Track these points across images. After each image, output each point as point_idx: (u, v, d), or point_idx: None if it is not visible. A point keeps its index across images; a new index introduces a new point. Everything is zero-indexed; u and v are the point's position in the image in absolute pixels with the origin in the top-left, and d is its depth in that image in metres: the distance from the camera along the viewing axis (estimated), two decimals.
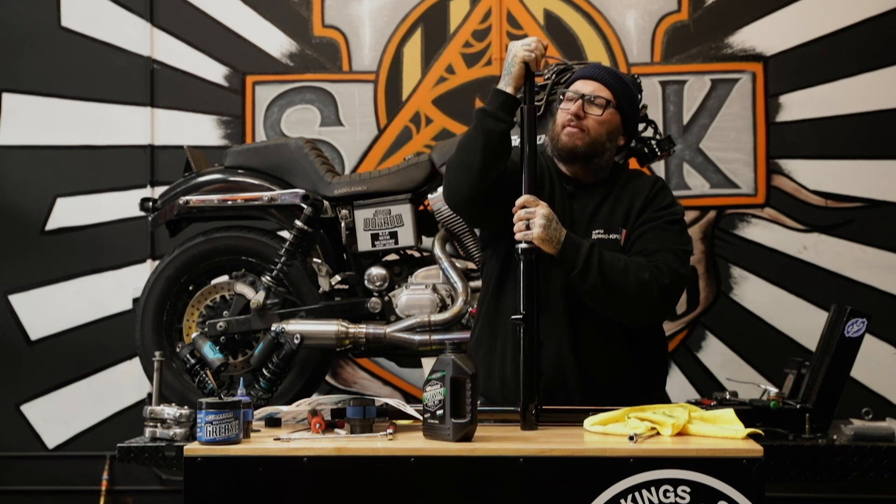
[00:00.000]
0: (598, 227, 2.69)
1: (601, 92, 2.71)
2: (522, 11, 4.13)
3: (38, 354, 4.23)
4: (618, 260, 2.56)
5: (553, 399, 2.56)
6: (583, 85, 2.73)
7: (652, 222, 2.68)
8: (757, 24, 4.04)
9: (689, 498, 2.08)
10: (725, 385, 3.82)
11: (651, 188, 2.76)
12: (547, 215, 2.48)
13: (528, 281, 2.49)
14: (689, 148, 4.05)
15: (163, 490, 4.16)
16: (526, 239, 2.49)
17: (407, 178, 3.31)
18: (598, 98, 2.70)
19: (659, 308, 2.63)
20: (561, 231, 2.51)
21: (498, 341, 2.71)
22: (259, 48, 4.22)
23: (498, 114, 2.58)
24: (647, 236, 2.66)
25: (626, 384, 2.65)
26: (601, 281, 2.52)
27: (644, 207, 2.71)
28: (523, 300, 2.48)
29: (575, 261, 2.52)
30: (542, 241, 2.48)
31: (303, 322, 3.28)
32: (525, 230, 2.49)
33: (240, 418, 2.24)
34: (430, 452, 2.17)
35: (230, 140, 4.18)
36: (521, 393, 2.44)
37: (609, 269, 2.53)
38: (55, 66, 4.25)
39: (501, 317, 2.69)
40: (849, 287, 3.94)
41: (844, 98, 3.98)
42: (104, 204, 4.23)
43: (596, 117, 2.69)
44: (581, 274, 2.52)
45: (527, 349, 2.46)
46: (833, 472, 2.58)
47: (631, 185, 2.77)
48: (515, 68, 2.57)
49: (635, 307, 2.59)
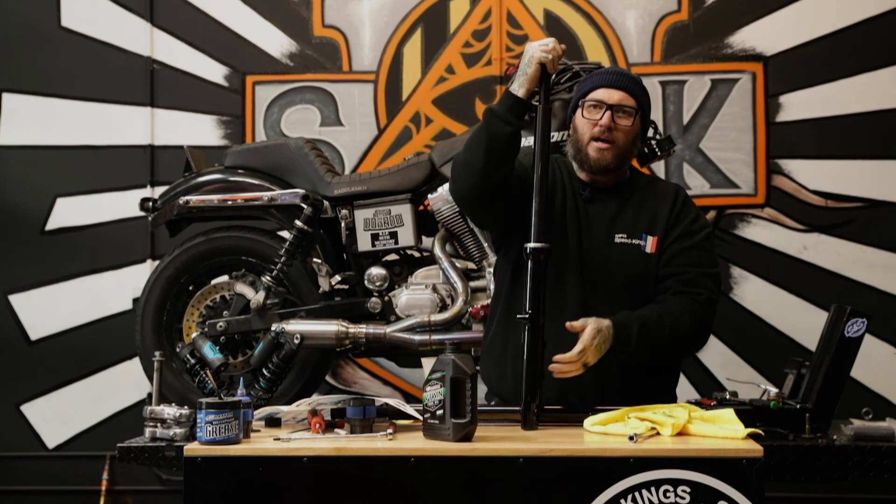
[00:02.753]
0: (620, 232, 2.69)
1: (628, 101, 2.68)
2: (522, 11, 4.13)
3: (38, 354, 4.23)
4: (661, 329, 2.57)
5: (566, 401, 2.57)
6: (607, 94, 2.68)
7: (687, 240, 2.69)
8: (757, 24, 4.04)
9: (689, 498, 2.08)
10: (725, 385, 3.82)
11: (675, 197, 2.76)
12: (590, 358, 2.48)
13: (534, 280, 2.48)
14: (689, 148, 4.05)
15: (163, 490, 4.16)
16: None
17: (407, 178, 3.31)
18: (627, 108, 2.67)
19: (702, 344, 2.78)
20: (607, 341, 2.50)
21: (511, 343, 2.69)
22: (259, 48, 4.22)
23: (506, 116, 2.56)
24: (683, 256, 2.66)
25: (640, 387, 2.64)
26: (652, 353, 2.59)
27: (674, 219, 2.71)
28: (529, 299, 2.47)
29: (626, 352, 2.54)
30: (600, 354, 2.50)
31: (303, 322, 3.28)
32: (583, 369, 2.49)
33: (240, 418, 2.24)
34: (430, 452, 2.17)
35: (230, 140, 4.18)
36: (523, 392, 2.43)
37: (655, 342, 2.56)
38: (55, 66, 4.25)
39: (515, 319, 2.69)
40: (849, 287, 3.94)
41: (844, 98, 3.98)
42: (104, 204, 4.23)
43: (625, 128, 2.67)
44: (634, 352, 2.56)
45: (530, 348, 2.46)
46: (833, 472, 2.58)
47: (652, 190, 2.78)
48: (531, 69, 2.54)
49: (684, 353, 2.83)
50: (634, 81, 2.73)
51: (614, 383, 2.61)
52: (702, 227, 2.74)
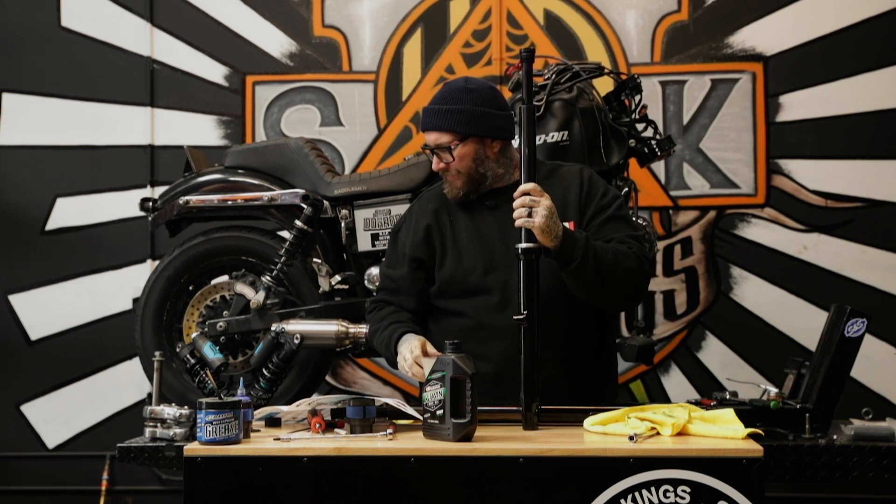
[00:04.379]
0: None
1: (441, 139, 2.72)
2: (522, 11, 4.13)
3: (38, 354, 4.24)
4: (606, 252, 2.58)
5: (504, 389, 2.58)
6: (427, 137, 2.76)
7: (601, 214, 2.71)
8: (757, 24, 4.04)
9: (689, 498, 2.08)
10: (725, 385, 3.82)
11: (580, 178, 2.78)
12: (550, 207, 2.47)
13: (528, 281, 2.49)
14: (689, 148, 4.06)
15: (163, 490, 4.16)
16: (526, 226, 2.48)
17: (407, 178, 3.31)
18: (443, 146, 2.72)
19: (642, 293, 2.74)
20: (559, 225, 2.51)
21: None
22: (259, 48, 4.23)
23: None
24: (604, 230, 2.68)
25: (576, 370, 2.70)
26: (596, 274, 2.55)
27: (584, 201, 2.73)
28: (524, 300, 2.48)
29: (572, 255, 2.52)
30: (543, 233, 2.47)
31: (303, 322, 3.28)
32: (527, 217, 2.48)
33: (240, 418, 2.24)
34: (430, 452, 2.17)
35: (230, 140, 4.19)
36: (522, 393, 2.44)
37: (602, 262, 2.55)
38: (55, 66, 4.26)
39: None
40: (849, 287, 3.94)
41: (844, 98, 3.98)
42: (104, 204, 4.23)
43: (451, 162, 2.73)
44: (578, 268, 2.53)
45: (527, 349, 2.46)
46: (833, 472, 2.58)
47: (556, 176, 2.78)
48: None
49: (624, 295, 2.68)
50: (440, 115, 2.73)
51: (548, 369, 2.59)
52: (613, 199, 2.75)
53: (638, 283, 2.65)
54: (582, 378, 2.73)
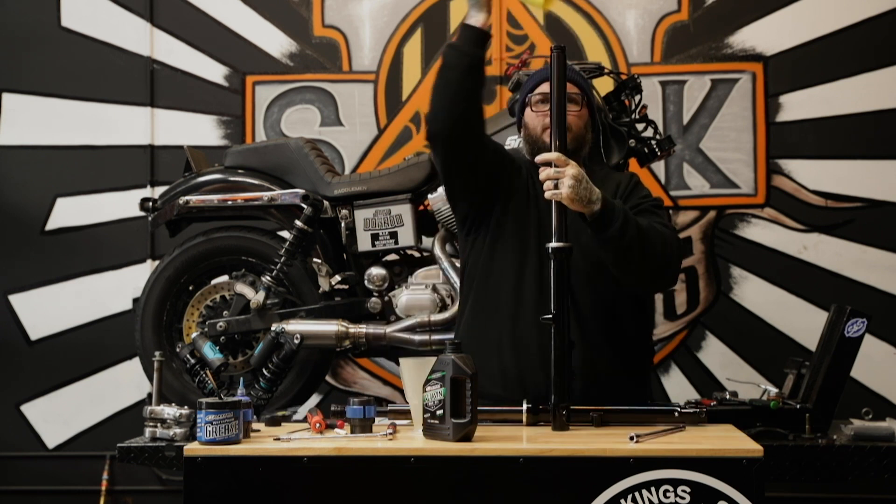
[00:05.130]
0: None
1: (572, 89, 2.69)
2: (522, 11, 4.12)
3: (38, 354, 4.23)
4: (642, 221, 2.55)
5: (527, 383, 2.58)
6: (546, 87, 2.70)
7: (639, 206, 2.70)
8: (757, 24, 4.04)
9: (689, 498, 2.08)
10: (725, 385, 3.82)
11: (629, 182, 2.80)
12: (577, 175, 2.43)
13: (558, 280, 2.47)
14: (689, 148, 4.05)
15: (163, 490, 4.16)
16: (555, 199, 2.45)
17: (407, 178, 3.31)
18: (572, 94, 2.68)
19: (675, 273, 2.70)
20: (592, 190, 2.46)
21: (490, 334, 2.69)
22: (259, 48, 4.22)
23: (463, 48, 2.62)
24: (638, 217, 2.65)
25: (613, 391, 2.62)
26: (637, 238, 2.49)
27: (627, 195, 2.74)
28: (554, 300, 2.46)
29: (612, 217, 2.47)
30: (572, 201, 2.43)
31: (303, 322, 3.28)
32: (553, 189, 2.45)
33: (240, 418, 2.24)
34: (430, 452, 2.17)
35: (230, 140, 4.18)
36: (553, 393, 2.41)
37: (640, 228, 2.51)
38: (55, 66, 4.26)
39: (493, 309, 2.69)
40: (849, 287, 3.94)
41: (844, 98, 3.98)
42: (104, 204, 4.23)
43: (575, 112, 2.70)
44: (620, 230, 2.48)
45: (557, 349, 2.44)
46: (833, 472, 2.59)
47: (609, 179, 2.79)
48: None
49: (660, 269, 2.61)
50: (575, 71, 2.79)
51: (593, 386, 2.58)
52: (655, 199, 2.77)
53: (672, 258, 2.61)
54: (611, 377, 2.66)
